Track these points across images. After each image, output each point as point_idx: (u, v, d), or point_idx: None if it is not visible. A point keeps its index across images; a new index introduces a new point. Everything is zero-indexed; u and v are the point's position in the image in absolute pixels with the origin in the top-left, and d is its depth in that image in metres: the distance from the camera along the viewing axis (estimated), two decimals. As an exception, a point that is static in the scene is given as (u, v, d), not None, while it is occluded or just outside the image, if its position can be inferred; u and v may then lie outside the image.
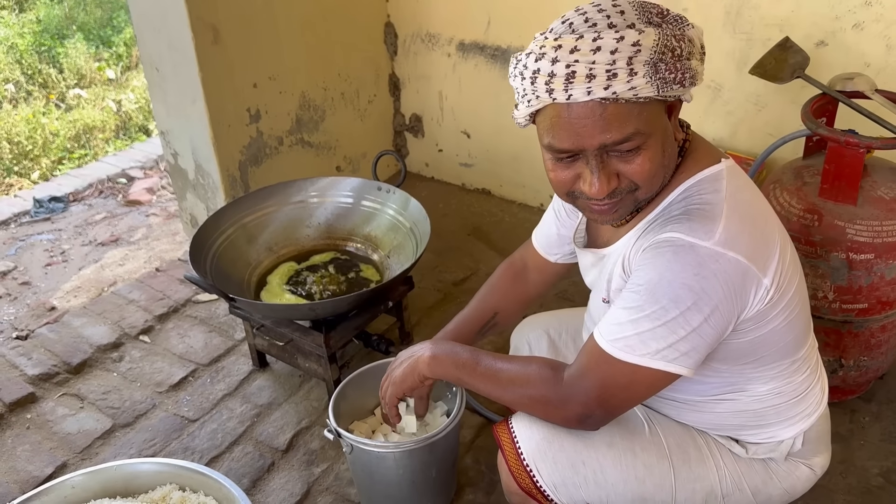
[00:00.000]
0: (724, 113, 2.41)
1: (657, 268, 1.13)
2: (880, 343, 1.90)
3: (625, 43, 1.04)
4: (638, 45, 1.05)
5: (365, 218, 2.31)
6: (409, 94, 3.13)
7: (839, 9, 2.08)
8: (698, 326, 1.12)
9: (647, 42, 1.05)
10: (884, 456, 1.90)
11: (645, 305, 1.13)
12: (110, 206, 3.34)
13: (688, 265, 1.11)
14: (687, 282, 1.10)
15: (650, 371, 1.15)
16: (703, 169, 1.20)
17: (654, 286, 1.12)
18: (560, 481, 1.29)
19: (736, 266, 1.11)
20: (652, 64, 1.05)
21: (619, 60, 1.04)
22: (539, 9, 2.57)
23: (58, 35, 5.10)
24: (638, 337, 1.13)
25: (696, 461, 1.34)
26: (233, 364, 2.27)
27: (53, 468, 1.94)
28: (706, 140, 1.28)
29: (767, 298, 1.16)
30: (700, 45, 1.12)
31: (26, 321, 2.53)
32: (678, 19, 1.11)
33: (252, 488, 1.88)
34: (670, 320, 1.11)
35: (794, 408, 1.33)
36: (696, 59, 1.10)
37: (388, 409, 1.52)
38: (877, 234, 1.72)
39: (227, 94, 2.43)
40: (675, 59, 1.06)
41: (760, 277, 1.14)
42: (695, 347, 1.14)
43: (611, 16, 1.08)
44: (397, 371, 1.45)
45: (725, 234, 1.11)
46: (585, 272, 1.45)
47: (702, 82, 1.14)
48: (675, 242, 1.12)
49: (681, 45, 1.07)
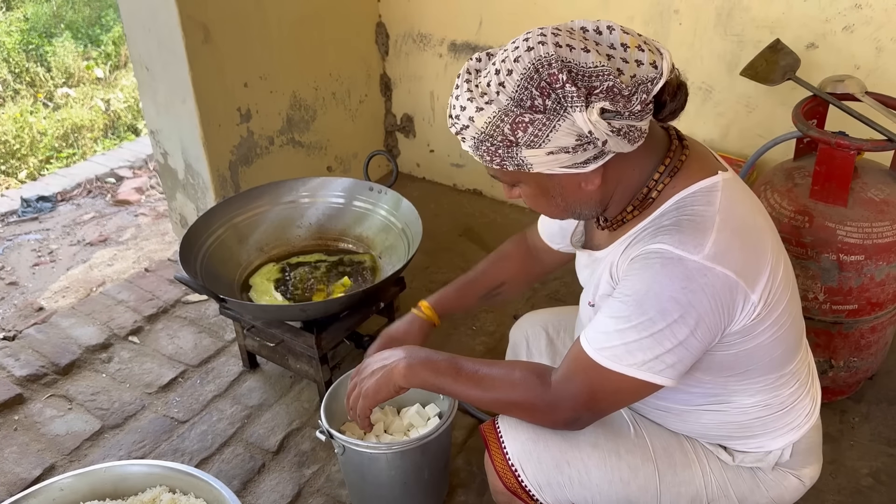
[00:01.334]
0: (714, 114, 2.42)
1: (645, 279, 1.13)
2: (870, 344, 1.91)
3: (465, 113, 1.12)
4: (472, 120, 1.11)
5: (357, 218, 2.31)
6: (401, 95, 3.12)
7: (829, 11, 2.09)
8: (684, 339, 1.12)
9: (479, 122, 1.11)
10: (873, 456, 1.91)
11: (632, 316, 1.13)
12: (99, 205, 3.31)
13: (676, 278, 1.11)
14: (674, 295, 1.10)
15: (636, 381, 1.15)
16: (699, 181, 1.19)
17: (641, 297, 1.12)
18: (545, 481, 1.29)
19: (724, 281, 1.11)
20: (477, 141, 1.12)
21: (462, 121, 1.13)
22: (531, 9, 2.57)
23: (45, 33, 5.06)
24: (625, 347, 1.14)
25: (681, 465, 1.34)
26: (223, 365, 2.26)
27: (41, 470, 1.93)
28: (708, 152, 1.27)
29: (755, 314, 1.15)
30: (573, 134, 1.08)
31: (13, 322, 2.51)
32: (560, 103, 1.06)
33: (242, 490, 1.87)
34: (657, 332, 1.12)
35: (781, 419, 1.32)
36: (536, 148, 1.09)
37: (361, 422, 1.45)
38: (867, 236, 1.73)
39: (217, 93, 2.41)
40: (497, 147, 1.11)
41: (748, 293, 1.13)
42: (680, 359, 1.14)
43: (490, 74, 1.12)
44: (369, 382, 1.39)
45: (715, 248, 1.11)
46: (580, 271, 1.45)
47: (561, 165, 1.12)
48: (664, 254, 1.12)
49: (515, 134, 1.08)
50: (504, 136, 1.09)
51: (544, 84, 1.06)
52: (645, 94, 1.08)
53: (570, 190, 1.19)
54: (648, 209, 1.22)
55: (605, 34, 1.10)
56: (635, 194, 1.22)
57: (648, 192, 1.21)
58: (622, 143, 1.10)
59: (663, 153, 1.22)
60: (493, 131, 1.10)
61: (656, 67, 1.10)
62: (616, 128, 1.07)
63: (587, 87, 1.06)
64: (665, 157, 1.21)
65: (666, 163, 1.21)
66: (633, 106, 1.07)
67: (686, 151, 1.23)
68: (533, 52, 1.07)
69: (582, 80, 1.06)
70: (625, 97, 1.07)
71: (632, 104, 1.07)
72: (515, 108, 1.08)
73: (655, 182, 1.20)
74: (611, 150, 1.11)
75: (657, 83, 1.09)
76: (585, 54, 1.06)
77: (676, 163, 1.21)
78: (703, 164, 1.23)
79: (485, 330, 2.38)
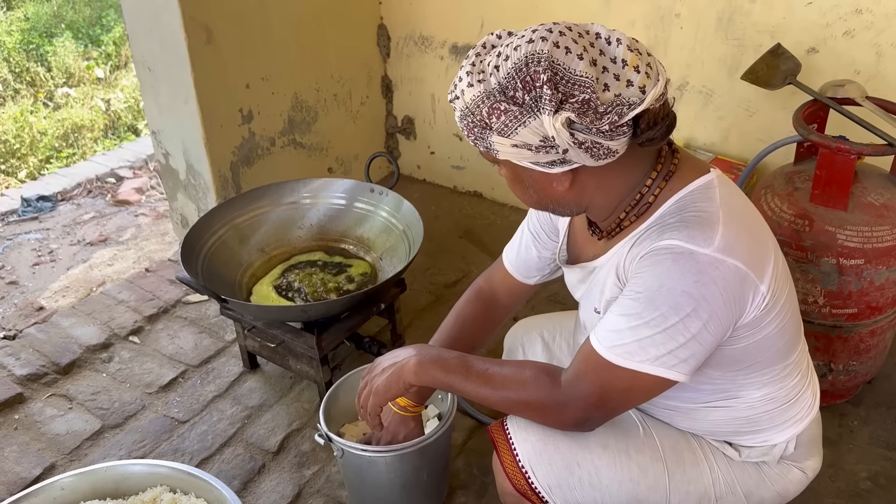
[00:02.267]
0: (715, 118, 2.43)
1: (657, 275, 1.13)
2: (869, 348, 1.92)
3: (461, 84, 1.15)
4: (463, 93, 1.14)
5: (358, 220, 2.31)
6: (402, 97, 3.13)
7: (830, 16, 2.10)
8: (697, 333, 1.12)
9: (467, 96, 1.13)
10: (872, 460, 1.92)
11: (644, 312, 1.13)
12: (99, 205, 3.31)
13: (688, 272, 1.11)
14: (687, 289, 1.11)
15: (649, 377, 1.15)
16: (694, 180, 1.21)
17: (653, 293, 1.13)
18: (555, 483, 1.29)
19: (735, 272, 1.12)
20: (462, 114, 1.16)
21: (456, 91, 1.16)
22: (533, 11, 2.58)
23: (46, 33, 5.06)
24: (637, 343, 1.14)
25: (690, 463, 1.34)
26: (223, 365, 2.26)
27: (42, 469, 1.93)
28: (692, 155, 1.29)
29: (764, 304, 1.17)
30: (539, 135, 1.09)
31: (14, 321, 2.51)
32: (535, 101, 1.07)
33: (242, 490, 1.87)
34: (670, 327, 1.12)
35: (786, 412, 1.34)
36: (504, 136, 1.11)
37: (371, 420, 1.45)
38: (867, 240, 1.74)
39: (219, 94, 2.42)
40: (473, 125, 1.14)
41: (758, 284, 1.14)
42: (693, 354, 1.14)
43: (492, 55, 1.14)
44: (380, 380, 1.39)
45: (724, 240, 1.12)
46: (574, 288, 1.45)
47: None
48: (674, 249, 1.13)
49: (490, 118, 1.11)
50: (481, 116, 1.12)
51: (528, 79, 1.07)
52: (617, 116, 1.07)
53: (542, 185, 1.21)
54: (647, 212, 1.22)
55: (613, 46, 1.10)
56: (624, 199, 1.23)
57: (642, 198, 1.22)
58: (584, 156, 1.10)
59: (653, 160, 1.22)
60: (474, 109, 1.13)
61: (643, 93, 1.09)
62: (579, 140, 1.08)
63: (564, 94, 1.07)
64: (656, 164, 1.22)
65: (658, 169, 1.22)
66: (601, 124, 1.07)
67: (677, 155, 1.24)
68: (531, 45, 1.08)
69: (563, 85, 1.07)
70: (597, 113, 1.07)
71: (601, 122, 1.07)
72: (499, 93, 1.10)
73: (648, 188, 1.21)
74: (572, 160, 1.12)
75: (634, 108, 1.08)
76: (578, 61, 1.07)
77: (670, 167, 1.22)
78: (694, 164, 1.24)
79: (485, 332, 2.39)
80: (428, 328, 2.40)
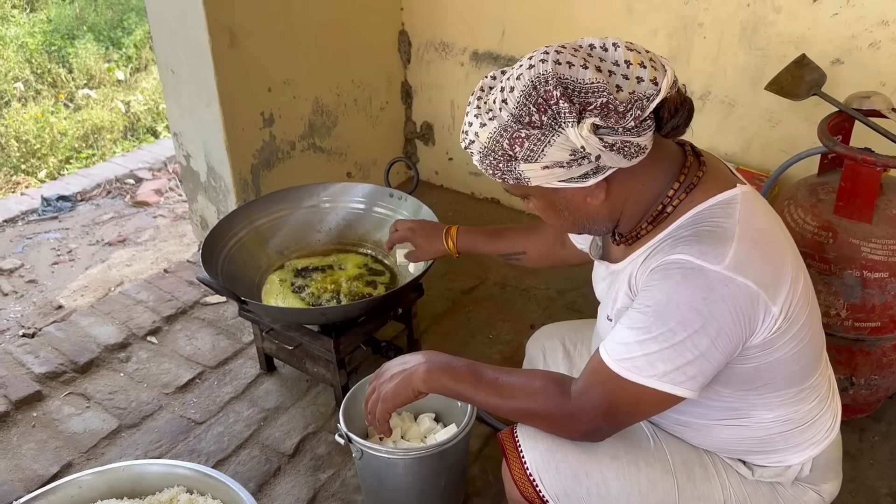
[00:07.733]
0: (737, 128, 2.41)
1: (666, 290, 1.13)
2: (892, 362, 1.90)
3: (472, 129, 1.16)
4: (477, 136, 1.15)
5: (376, 224, 2.31)
6: (421, 102, 3.13)
7: (856, 27, 2.09)
8: (706, 350, 1.12)
9: (483, 136, 1.14)
10: (893, 476, 1.89)
11: (652, 327, 1.12)
12: (118, 206, 3.34)
13: (697, 288, 1.10)
14: (695, 305, 1.10)
15: (657, 392, 1.15)
16: (716, 195, 1.20)
17: (662, 308, 1.12)
18: (563, 492, 1.29)
19: (745, 291, 1.11)
20: (482, 155, 1.17)
21: (469, 136, 1.17)
22: (554, 19, 2.57)
23: (68, 35, 5.11)
24: (645, 358, 1.13)
25: (700, 479, 1.32)
26: (240, 367, 2.27)
27: (59, 467, 1.93)
28: (724, 166, 1.28)
29: (775, 327, 1.15)
30: (567, 149, 1.10)
31: (33, 319, 2.52)
32: (554, 119, 1.08)
33: (258, 493, 1.87)
34: (678, 343, 1.11)
35: (801, 434, 1.31)
36: (532, 162, 1.12)
37: (380, 426, 1.43)
38: (892, 253, 1.72)
39: (241, 97, 2.43)
40: (497, 161, 1.15)
41: (769, 305, 1.13)
42: (702, 371, 1.14)
43: (496, 91, 1.15)
44: (388, 386, 1.38)
45: (736, 258, 1.11)
46: (596, 283, 1.45)
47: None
48: (684, 265, 1.12)
49: (513, 149, 1.12)
50: (503, 150, 1.13)
51: (541, 101, 1.08)
52: (640, 110, 1.08)
53: (576, 204, 1.21)
54: (664, 223, 1.22)
55: (611, 51, 1.12)
56: (649, 210, 1.23)
57: (664, 208, 1.22)
58: (617, 158, 1.11)
59: (678, 169, 1.22)
60: (494, 146, 1.13)
61: (656, 84, 1.10)
62: (609, 143, 1.08)
63: (581, 104, 1.08)
64: (680, 174, 1.22)
65: (681, 179, 1.21)
66: (626, 122, 1.08)
67: (703, 168, 1.23)
68: (533, 69, 1.10)
69: (577, 96, 1.08)
70: (619, 113, 1.08)
71: (625, 120, 1.08)
72: (515, 123, 1.11)
73: (670, 198, 1.21)
74: (606, 164, 1.12)
75: (653, 100, 1.09)
76: (584, 71, 1.08)
77: (693, 179, 1.21)
78: (721, 178, 1.23)
79: (501, 339, 2.38)
80: (444, 334, 2.40)
